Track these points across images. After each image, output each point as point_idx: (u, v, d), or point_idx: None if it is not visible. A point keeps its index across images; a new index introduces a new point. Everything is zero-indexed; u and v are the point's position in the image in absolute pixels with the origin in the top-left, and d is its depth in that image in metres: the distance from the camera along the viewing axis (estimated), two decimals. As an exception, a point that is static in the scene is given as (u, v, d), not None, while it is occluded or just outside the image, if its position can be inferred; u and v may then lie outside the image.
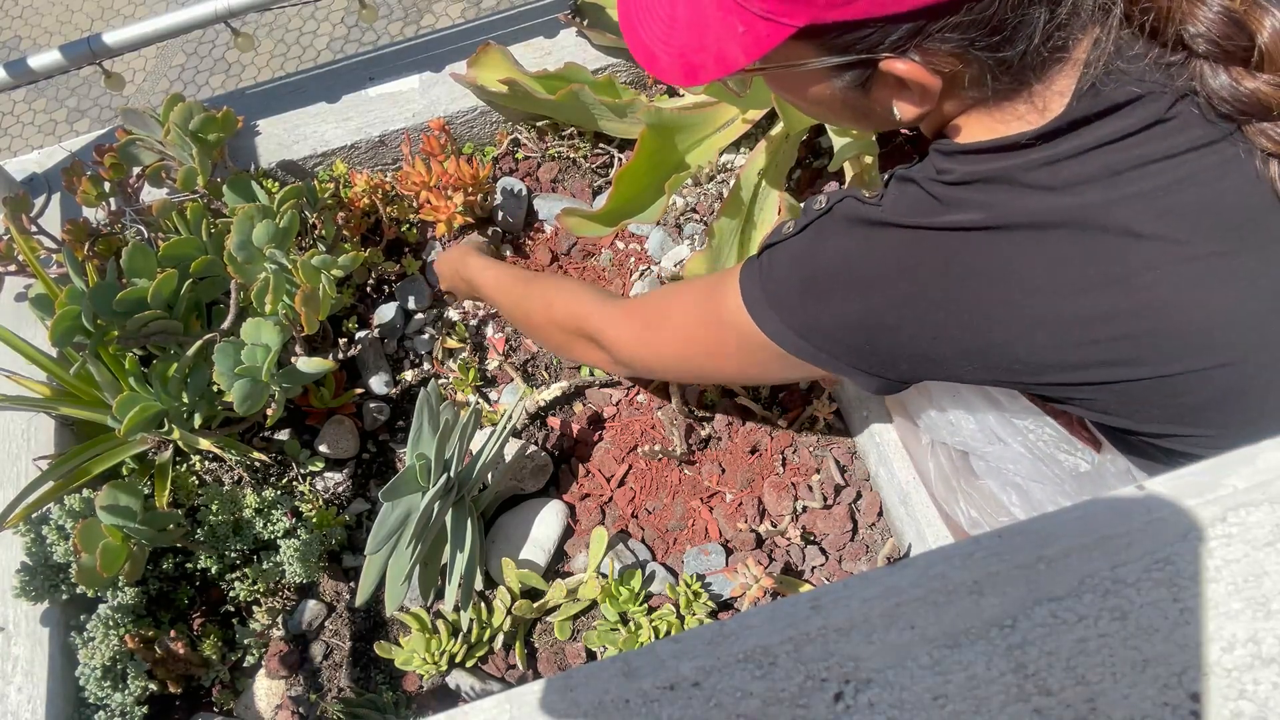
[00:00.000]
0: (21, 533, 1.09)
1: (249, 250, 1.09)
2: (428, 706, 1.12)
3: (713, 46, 0.71)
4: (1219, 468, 0.52)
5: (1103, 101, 0.67)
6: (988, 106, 0.72)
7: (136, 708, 1.05)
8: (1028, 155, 0.69)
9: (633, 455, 1.24)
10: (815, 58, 0.70)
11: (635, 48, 0.77)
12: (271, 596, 1.18)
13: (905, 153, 1.43)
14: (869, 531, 1.16)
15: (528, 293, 1.14)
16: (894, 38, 0.67)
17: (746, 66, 0.71)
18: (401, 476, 1.01)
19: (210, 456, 1.22)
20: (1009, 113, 0.71)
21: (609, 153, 1.47)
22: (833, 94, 0.75)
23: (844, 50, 0.69)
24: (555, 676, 0.51)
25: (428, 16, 2.76)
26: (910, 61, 0.68)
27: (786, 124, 1.22)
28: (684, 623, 1.08)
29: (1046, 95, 0.70)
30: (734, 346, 0.86)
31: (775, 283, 0.81)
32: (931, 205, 0.72)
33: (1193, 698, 0.46)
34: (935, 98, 0.71)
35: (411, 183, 1.35)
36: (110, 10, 3.00)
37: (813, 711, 0.48)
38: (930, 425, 1.04)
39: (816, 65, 0.71)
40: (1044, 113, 0.70)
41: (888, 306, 0.74)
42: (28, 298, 1.11)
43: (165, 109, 1.22)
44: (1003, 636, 0.49)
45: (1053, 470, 0.92)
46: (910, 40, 0.67)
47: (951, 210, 0.71)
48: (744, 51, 0.69)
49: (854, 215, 0.76)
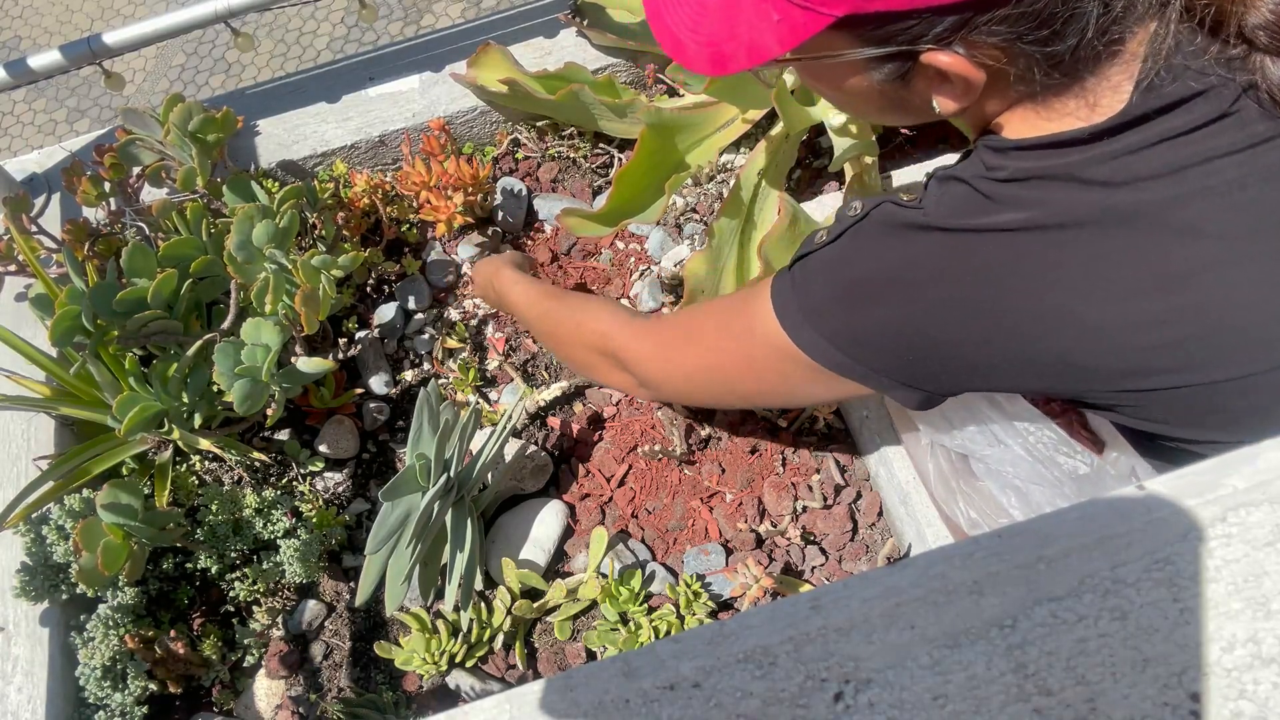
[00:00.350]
0: (21, 533, 1.09)
1: (249, 250, 1.09)
2: (428, 706, 1.12)
3: (745, 35, 0.68)
4: (1219, 468, 0.52)
5: (1163, 97, 0.64)
6: (1035, 102, 0.69)
7: (136, 708, 1.05)
8: (1087, 151, 0.66)
9: (633, 455, 1.24)
10: (853, 49, 0.67)
11: (661, 35, 0.74)
12: (271, 596, 1.18)
13: (905, 152, 1.43)
14: (869, 531, 1.16)
15: (557, 310, 1.10)
16: (938, 30, 0.64)
17: (780, 57, 0.68)
18: (401, 476, 1.01)
19: (210, 456, 1.22)
20: (1058, 109, 0.68)
21: (609, 153, 1.47)
22: (869, 86, 0.71)
23: (884, 42, 0.66)
24: (555, 676, 0.51)
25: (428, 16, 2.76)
26: (954, 54, 0.65)
27: (786, 124, 1.22)
28: (684, 623, 1.08)
29: (1099, 91, 0.66)
30: (765, 364, 0.82)
31: (809, 293, 0.76)
32: (980, 204, 0.69)
33: (1193, 698, 0.46)
34: (978, 92, 0.68)
35: (411, 183, 1.35)
36: (110, 10, 3.00)
37: (813, 711, 0.48)
38: (930, 427, 1.04)
39: (854, 57, 0.68)
40: (1095, 109, 0.67)
41: (931, 313, 0.70)
42: (28, 298, 1.11)
43: (165, 109, 1.22)
44: (1003, 636, 0.49)
45: (1052, 473, 0.92)
46: (955, 33, 0.64)
47: (1003, 209, 0.67)
48: (778, 41, 0.66)
49: (893, 220, 0.72)
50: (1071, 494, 0.92)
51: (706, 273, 1.18)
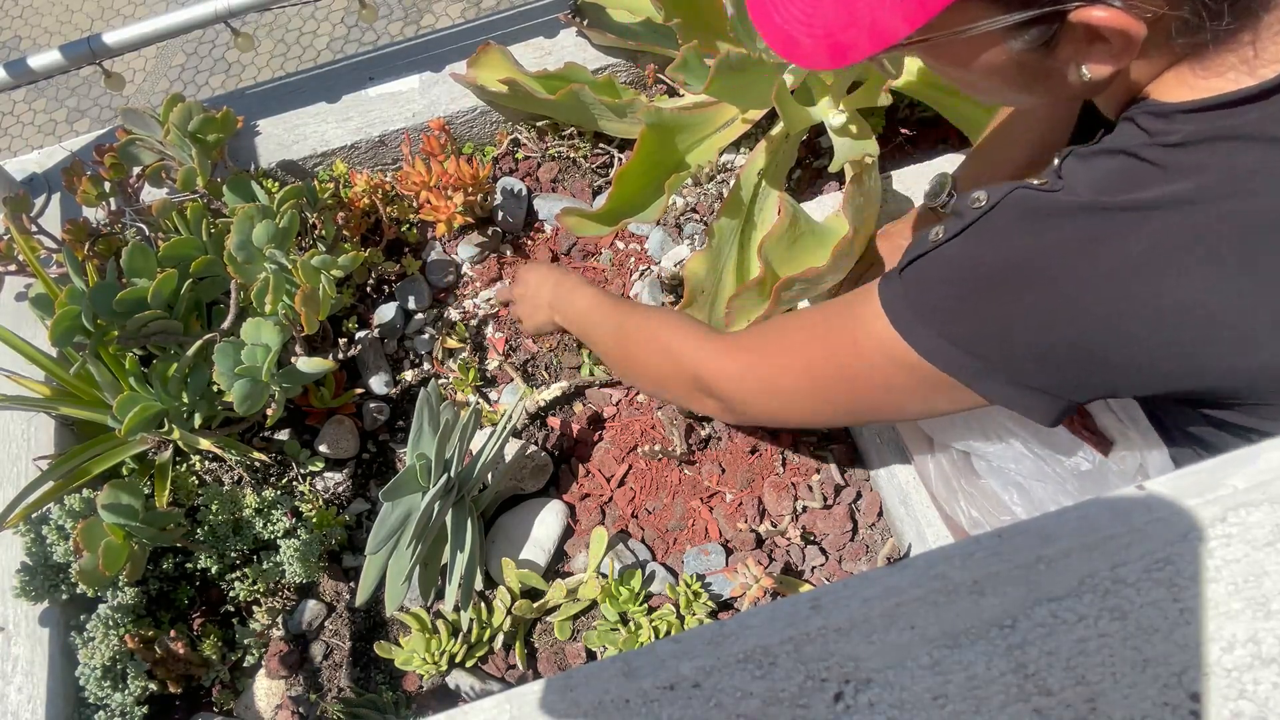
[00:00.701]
0: (21, 533, 1.09)
1: (249, 250, 1.09)
2: (428, 706, 1.12)
3: (865, 18, 0.62)
4: (1219, 468, 0.52)
5: None
6: (1192, 61, 0.62)
7: (136, 708, 1.05)
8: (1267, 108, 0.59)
9: (633, 455, 1.24)
10: (992, 17, 0.60)
11: (770, 33, 0.68)
12: (271, 596, 1.18)
13: (905, 152, 1.43)
14: (869, 531, 1.16)
15: (627, 319, 1.01)
16: None
17: (908, 37, 0.61)
18: (401, 476, 1.01)
19: (210, 456, 1.22)
20: (1216, 67, 0.61)
21: (609, 153, 1.47)
22: (1008, 59, 0.64)
23: (1027, 3, 0.59)
24: (555, 676, 0.51)
25: (428, 16, 2.76)
26: (1109, 7, 0.57)
27: (786, 124, 1.21)
28: (684, 623, 1.08)
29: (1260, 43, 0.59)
30: (873, 374, 0.74)
31: (928, 294, 0.70)
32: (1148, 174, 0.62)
33: (1193, 698, 0.46)
34: (1137, 49, 0.60)
35: (411, 183, 1.35)
36: (110, 10, 3.00)
37: (813, 711, 0.48)
38: (932, 424, 1.04)
39: (992, 26, 0.60)
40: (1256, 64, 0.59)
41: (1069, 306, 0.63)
42: (28, 298, 1.11)
43: (165, 109, 1.22)
44: (1003, 636, 0.49)
45: (1054, 469, 0.92)
46: None
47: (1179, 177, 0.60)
48: (905, 19, 0.60)
49: (1032, 205, 0.65)
50: (1074, 490, 0.92)
51: (706, 273, 1.18)
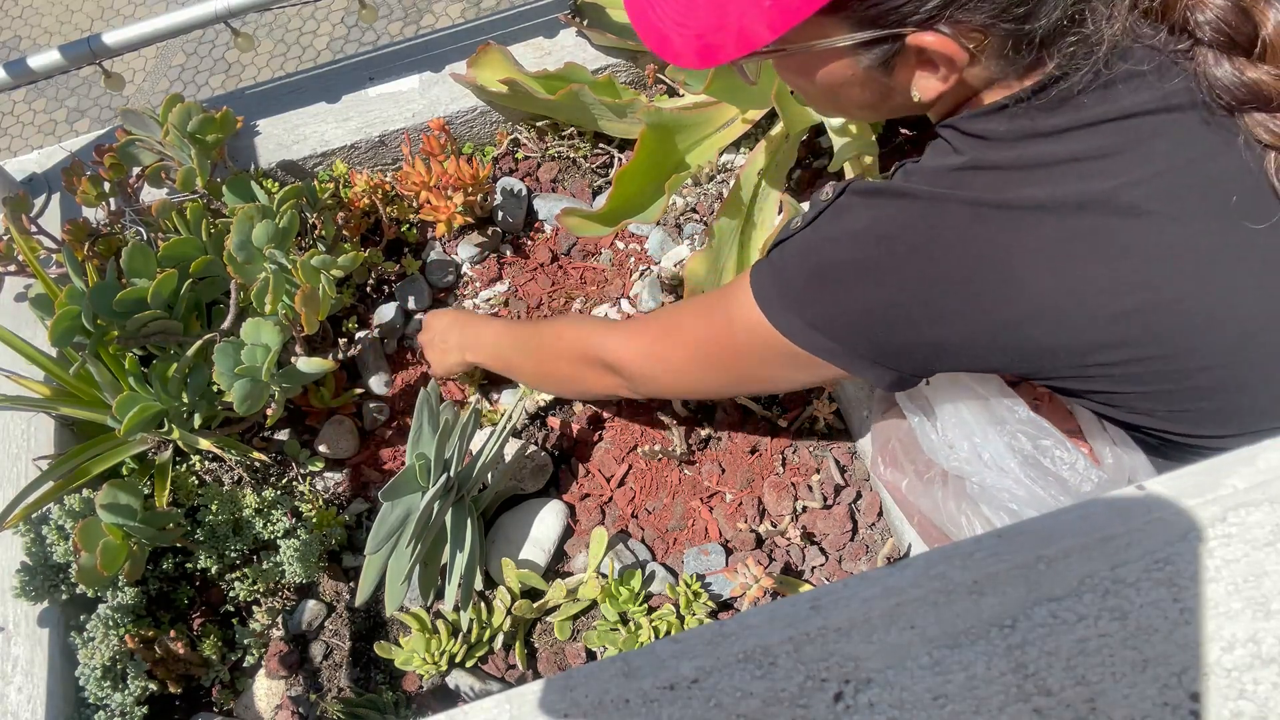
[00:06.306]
0: (21, 533, 1.09)
1: (249, 250, 1.09)
2: (428, 706, 1.12)
3: (734, 24, 0.69)
4: (1219, 468, 0.52)
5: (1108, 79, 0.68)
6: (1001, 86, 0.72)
7: (136, 708, 1.05)
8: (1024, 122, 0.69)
9: (633, 455, 1.24)
10: (842, 34, 0.69)
11: (645, 30, 0.75)
12: (271, 596, 1.18)
13: (905, 152, 1.43)
14: (869, 531, 1.16)
15: (534, 333, 1.13)
16: (928, 7, 0.66)
17: (768, 44, 0.69)
18: (401, 476, 1.01)
19: (210, 456, 1.22)
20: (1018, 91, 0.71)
21: (609, 153, 1.47)
22: (853, 75, 0.73)
23: (874, 23, 0.68)
24: (555, 676, 0.51)
25: (428, 16, 2.76)
26: (939, 34, 0.67)
27: (786, 124, 1.22)
28: (684, 623, 1.08)
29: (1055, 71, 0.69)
30: (748, 350, 0.84)
31: (787, 277, 0.79)
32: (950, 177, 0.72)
33: (1193, 698, 0.46)
34: (959, 73, 0.70)
35: (411, 183, 1.35)
36: (110, 10, 3.00)
37: (813, 711, 0.48)
38: (931, 448, 1.03)
39: (844, 42, 0.69)
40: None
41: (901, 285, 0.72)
42: (28, 298, 1.11)
43: (164, 109, 1.22)
44: (1003, 636, 0.49)
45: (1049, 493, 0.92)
46: (942, 11, 0.66)
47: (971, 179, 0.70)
48: (769, 26, 0.67)
49: (865, 189, 0.75)
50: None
51: (706, 273, 1.18)
